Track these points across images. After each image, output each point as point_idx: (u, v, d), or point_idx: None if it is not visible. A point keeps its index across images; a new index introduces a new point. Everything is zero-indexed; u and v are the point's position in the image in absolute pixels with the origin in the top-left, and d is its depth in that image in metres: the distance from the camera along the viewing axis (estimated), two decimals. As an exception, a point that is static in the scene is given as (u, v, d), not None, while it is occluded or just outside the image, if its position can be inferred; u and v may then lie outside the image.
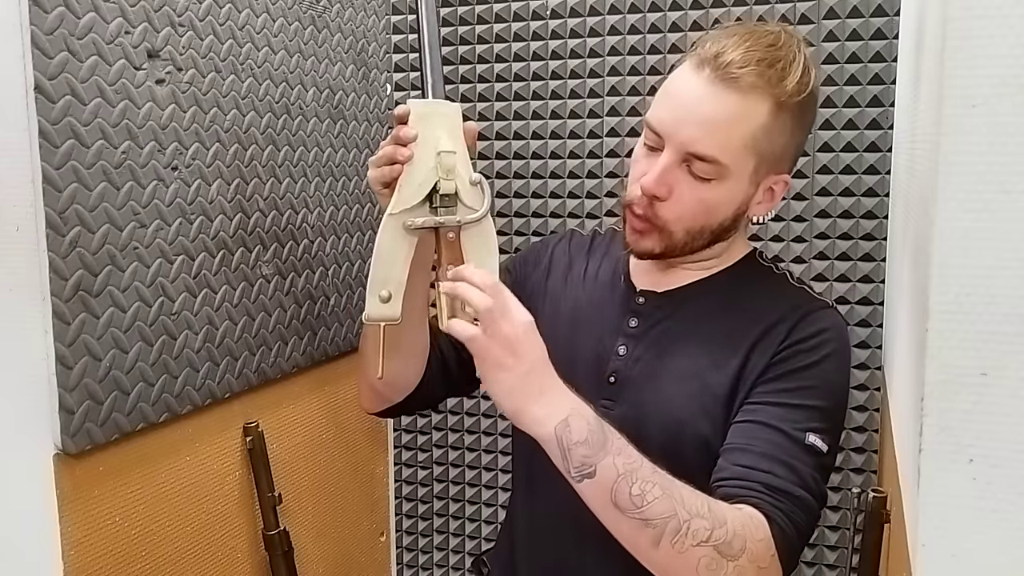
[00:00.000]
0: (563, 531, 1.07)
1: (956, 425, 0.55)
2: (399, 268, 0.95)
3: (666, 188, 0.97)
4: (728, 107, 0.93)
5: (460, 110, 0.96)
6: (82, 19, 0.94)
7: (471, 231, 0.94)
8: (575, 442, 0.85)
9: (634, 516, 0.84)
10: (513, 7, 1.57)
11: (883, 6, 1.36)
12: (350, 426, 1.54)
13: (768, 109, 0.94)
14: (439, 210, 0.94)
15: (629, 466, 0.85)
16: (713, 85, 0.94)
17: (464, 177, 0.94)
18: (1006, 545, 0.55)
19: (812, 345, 0.97)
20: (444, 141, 0.94)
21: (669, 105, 0.98)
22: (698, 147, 0.94)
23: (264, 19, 1.24)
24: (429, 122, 0.94)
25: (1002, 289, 0.53)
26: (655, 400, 1.02)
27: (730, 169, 0.95)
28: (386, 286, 0.95)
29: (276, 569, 1.29)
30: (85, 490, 0.99)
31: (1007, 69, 0.52)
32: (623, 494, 0.84)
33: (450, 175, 0.92)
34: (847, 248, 1.43)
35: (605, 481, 0.84)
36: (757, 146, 0.95)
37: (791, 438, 0.93)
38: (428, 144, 0.93)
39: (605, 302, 1.10)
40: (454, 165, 0.93)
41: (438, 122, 0.94)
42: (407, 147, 0.92)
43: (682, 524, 0.83)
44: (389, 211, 0.93)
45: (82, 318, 0.96)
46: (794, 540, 0.90)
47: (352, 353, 1.53)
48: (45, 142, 0.90)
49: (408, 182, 0.93)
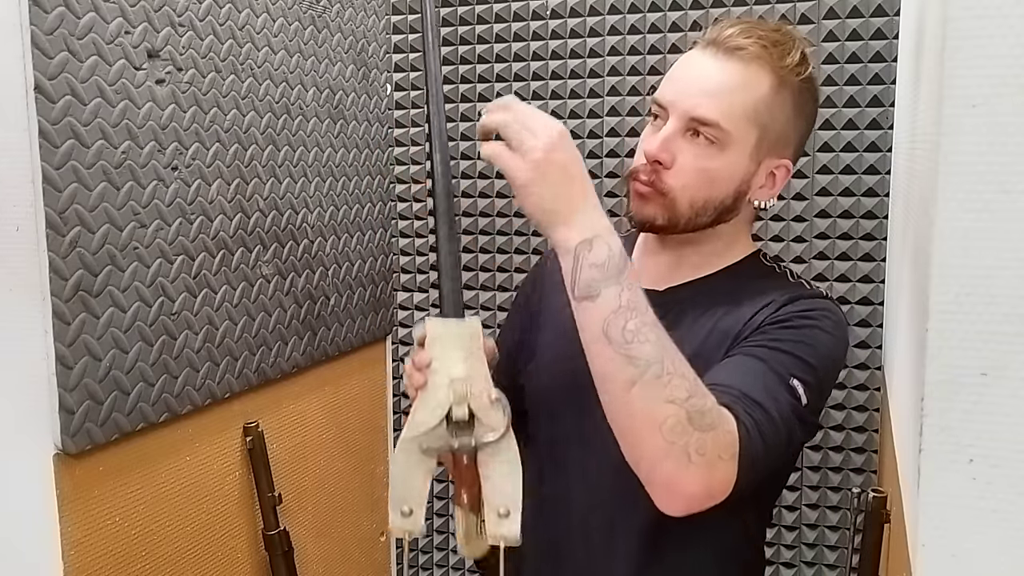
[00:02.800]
0: (565, 527, 1.07)
1: (956, 425, 0.55)
2: (418, 486, 0.93)
3: (669, 154, 0.98)
4: (731, 75, 0.97)
5: (479, 326, 0.92)
6: (82, 19, 0.94)
7: (490, 451, 0.92)
8: (590, 263, 0.82)
9: (619, 351, 0.81)
10: (513, 7, 1.57)
11: (883, 6, 1.36)
12: (350, 426, 1.54)
13: (770, 83, 0.97)
14: (455, 432, 0.92)
15: (633, 302, 0.82)
16: (716, 58, 0.97)
17: (482, 397, 0.92)
18: (1006, 545, 0.55)
19: (806, 314, 0.97)
20: (458, 366, 0.91)
21: (675, 80, 1.01)
22: (701, 111, 0.96)
23: (264, 19, 1.24)
24: (444, 344, 0.92)
25: (1002, 289, 0.53)
26: None
27: (732, 136, 0.97)
28: (406, 503, 0.93)
29: (276, 569, 1.29)
30: (85, 490, 0.99)
31: (1007, 69, 0.52)
32: (616, 326, 0.82)
33: (462, 402, 0.91)
34: (847, 248, 1.43)
35: (604, 307, 0.82)
36: (759, 118, 0.97)
37: (775, 372, 0.92)
38: (443, 368, 0.91)
39: None
40: (467, 392, 0.91)
41: (454, 343, 0.91)
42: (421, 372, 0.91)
43: (663, 374, 0.81)
44: (403, 435, 0.93)
45: (82, 318, 0.96)
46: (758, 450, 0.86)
47: (352, 353, 1.53)
48: (45, 142, 0.90)
49: (422, 407, 0.92)
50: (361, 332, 1.53)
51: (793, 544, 1.53)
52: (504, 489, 0.91)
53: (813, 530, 1.52)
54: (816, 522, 1.52)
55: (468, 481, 0.91)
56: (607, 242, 0.83)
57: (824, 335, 0.97)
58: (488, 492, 0.91)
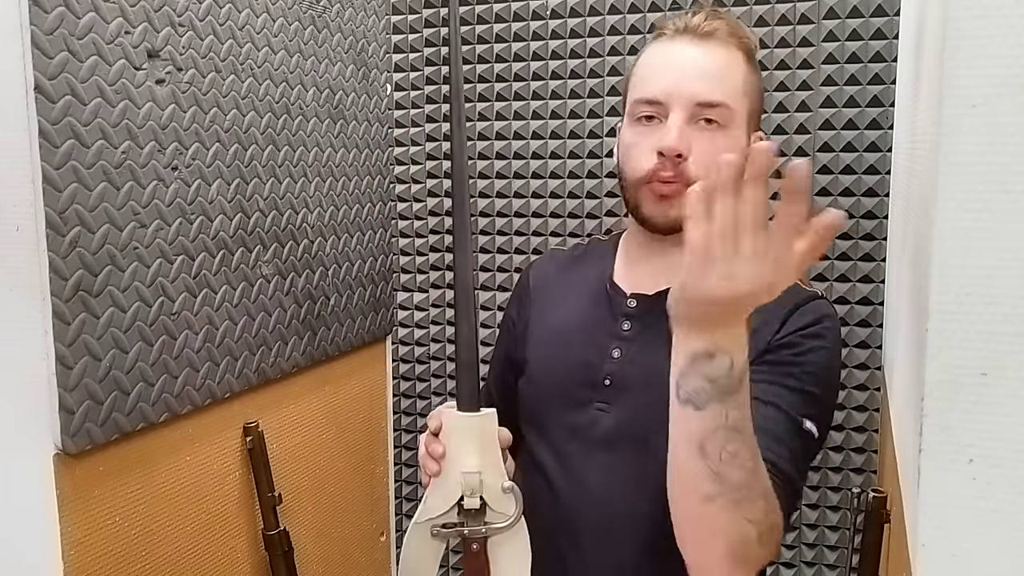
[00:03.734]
0: (563, 528, 1.07)
1: (956, 425, 0.55)
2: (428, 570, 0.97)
3: (686, 145, 0.98)
4: (719, 56, 1.00)
5: (494, 417, 0.94)
6: (82, 19, 0.94)
7: (500, 539, 0.94)
8: (706, 373, 0.78)
9: (712, 467, 0.79)
10: (513, 7, 1.57)
11: (883, 6, 1.36)
12: (350, 426, 1.54)
13: (743, 58, 1.02)
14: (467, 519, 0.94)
15: (738, 424, 0.78)
16: (696, 44, 1.00)
17: (494, 486, 0.93)
18: (1006, 545, 0.55)
19: (808, 334, 0.98)
20: (471, 458, 0.93)
21: (662, 73, 1.01)
22: (707, 95, 0.98)
23: (264, 19, 1.24)
24: (459, 436, 0.94)
25: (1002, 289, 0.53)
26: (650, 401, 1.01)
27: (736, 113, 0.99)
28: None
29: (276, 569, 1.29)
30: (85, 490, 0.99)
31: (1007, 69, 0.52)
32: (715, 444, 0.78)
33: (474, 493, 0.92)
34: (847, 248, 1.43)
35: (707, 421, 0.78)
36: (748, 92, 1.01)
37: (792, 420, 0.93)
38: (456, 458, 0.93)
39: (596, 309, 1.10)
40: (478, 484, 0.93)
41: (468, 436, 0.94)
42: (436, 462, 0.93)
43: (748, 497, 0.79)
44: (415, 519, 0.94)
45: (82, 318, 0.96)
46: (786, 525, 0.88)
47: (352, 353, 1.53)
48: (45, 142, 0.90)
49: (435, 493, 0.94)
50: (361, 332, 1.53)
51: (793, 544, 1.53)
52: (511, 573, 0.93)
53: (813, 530, 1.52)
54: (816, 522, 1.52)
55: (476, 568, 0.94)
56: (732, 358, 0.77)
57: (827, 352, 0.99)
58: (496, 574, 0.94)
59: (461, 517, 0.94)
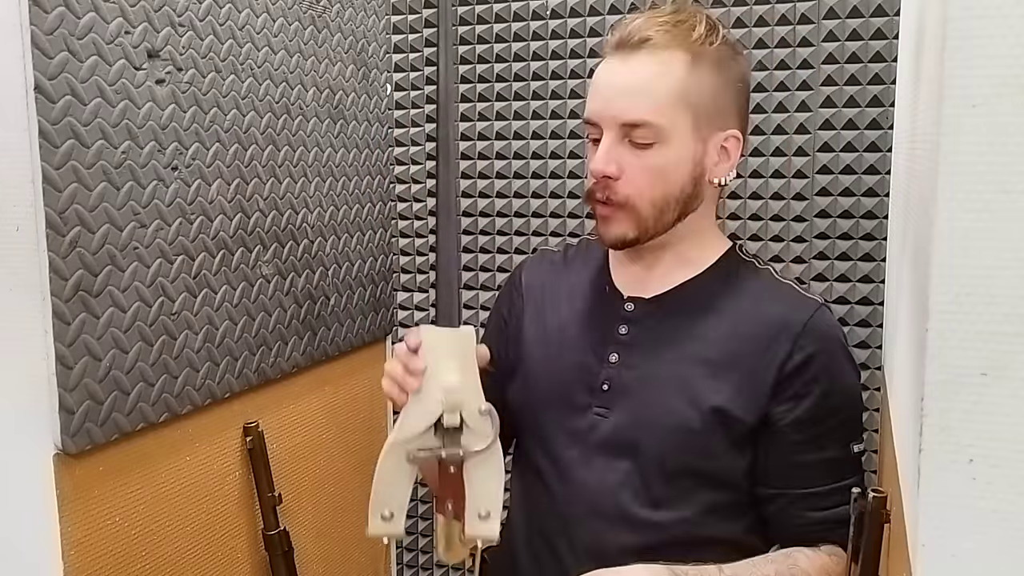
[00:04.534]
0: (560, 531, 1.06)
1: (956, 425, 0.55)
2: (401, 491, 0.94)
3: (615, 166, 0.98)
4: (645, 69, 0.96)
5: (473, 335, 0.93)
6: (82, 19, 0.94)
7: (477, 460, 0.92)
8: None
9: None
10: (513, 7, 1.57)
11: (883, 6, 1.36)
12: (350, 426, 1.54)
13: (685, 61, 0.97)
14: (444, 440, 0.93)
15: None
16: (627, 58, 0.97)
17: (472, 407, 0.92)
18: (1006, 545, 0.55)
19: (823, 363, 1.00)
20: (452, 374, 0.92)
21: (596, 93, 1.00)
22: (629, 115, 0.96)
23: (264, 19, 1.24)
24: (438, 352, 0.92)
25: (1002, 289, 0.53)
26: (649, 405, 1.02)
27: (667, 128, 0.97)
28: (388, 507, 0.95)
29: (276, 569, 1.29)
30: (85, 490, 0.99)
31: (1007, 69, 0.51)
32: None
33: (455, 410, 0.91)
34: (847, 248, 1.43)
35: None
36: (687, 99, 0.97)
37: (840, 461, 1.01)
38: (436, 375, 0.92)
39: (592, 312, 1.10)
40: (460, 401, 0.91)
41: (448, 352, 0.92)
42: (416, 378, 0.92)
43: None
44: (392, 439, 0.93)
45: (82, 318, 0.96)
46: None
47: (352, 353, 1.53)
48: (45, 142, 0.90)
49: (413, 412, 0.92)
50: (361, 332, 1.53)
51: (793, 544, 1.53)
52: (487, 492, 0.92)
53: (813, 530, 1.52)
54: (816, 522, 1.51)
55: (452, 491, 0.92)
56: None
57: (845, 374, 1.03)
58: (471, 496, 0.92)
59: (438, 436, 0.92)
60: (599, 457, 1.03)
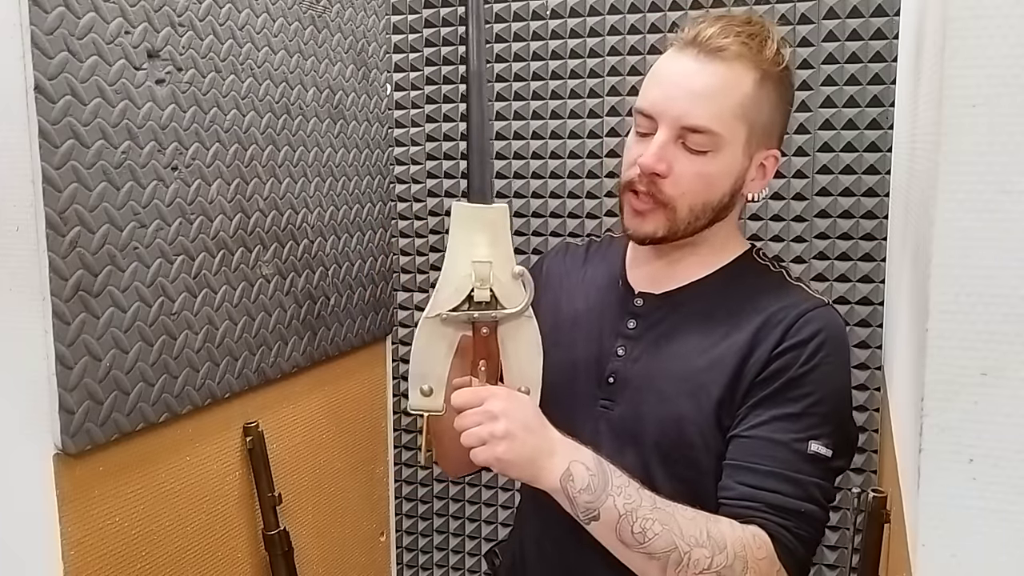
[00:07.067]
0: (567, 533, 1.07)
1: (956, 425, 0.55)
2: (439, 364, 0.96)
3: (665, 164, 0.98)
4: (717, 77, 0.96)
5: (506, 210, 0.94)
6: (82, 19, 0.94)
7: (510, 326, 0.94)
8: (578, 490, 0.90)
9: (639, 551, 0.89)
10: (513, 7, 1.57)
11: (883, 6, 1.36)
12: (350, 426, 1.54)
13: (753, 78, 0.97)
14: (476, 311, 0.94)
15: (629, 505, 0.90)
16: (699, 60, 0.97)
17: (504, 278, 0.93)
18: (1006, 545, 0.55)
19: (810, 350, 0.97)
20: (482, 248, 0.93)
21: (658, 87, 1.00)
22: (692, 119, 0.96)
23: (264, 19, 1.24)
24: (469, 227, 0.93)
25: (1002, 289, 0.53)
26: (653, 399, 1.02)
27: (725, 139, 0.97)
28: (426, 381, 0.96)
29: (276, 569, 1.30)
30: (85, 490, 0.99)
31: (1007, 69, 0.51)
32: (626, 532, 0.89)
33: (485, 284, 0.92)
34: (847, 248, 1.43)
35: (609, 522, 0.90)
36: (747, 115, 0.97)
37: (794, 451, 0.95)
38: (466, 250, 0.93)
39: (604, 305, 1.11)
40: (489, 274, 0.92)
41: (478, 227, 0.93)
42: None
43: (683, 556, 0.88)
44: (425, 314, 0.94)
45: (82, 318, 0.96)
46: (801, 554, 0.93)
47: (352, 353, 1.53)
48: (45, 142, 0.90)
49: (444, 286, 0.94)
50: (361, 332, 1.53)
51: (793, 544, 1.53)
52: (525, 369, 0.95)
53: (813, 530, 1.52)
54: (816, 522, 1.51)
55: (486, 351, 0.94)
56: (582, 463, 0.91)
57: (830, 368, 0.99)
58: (507, 370, 0.95)
59: (471, 309, 0.93)
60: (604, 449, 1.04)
